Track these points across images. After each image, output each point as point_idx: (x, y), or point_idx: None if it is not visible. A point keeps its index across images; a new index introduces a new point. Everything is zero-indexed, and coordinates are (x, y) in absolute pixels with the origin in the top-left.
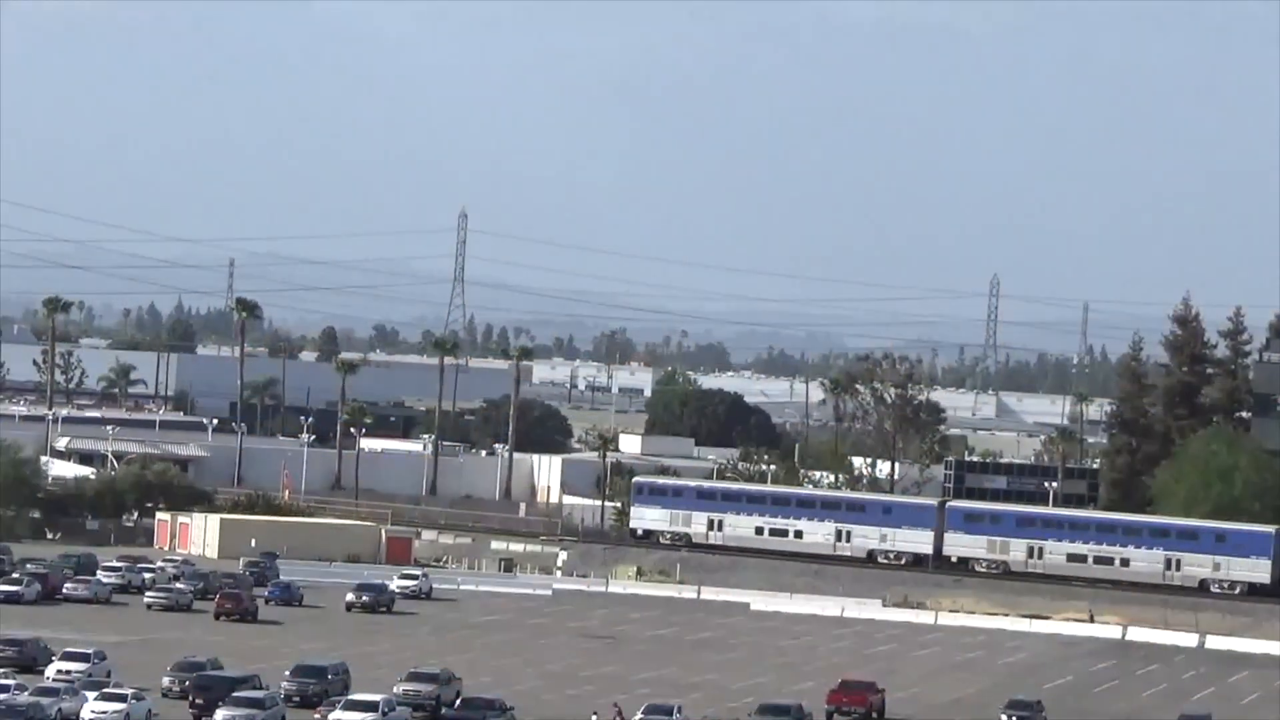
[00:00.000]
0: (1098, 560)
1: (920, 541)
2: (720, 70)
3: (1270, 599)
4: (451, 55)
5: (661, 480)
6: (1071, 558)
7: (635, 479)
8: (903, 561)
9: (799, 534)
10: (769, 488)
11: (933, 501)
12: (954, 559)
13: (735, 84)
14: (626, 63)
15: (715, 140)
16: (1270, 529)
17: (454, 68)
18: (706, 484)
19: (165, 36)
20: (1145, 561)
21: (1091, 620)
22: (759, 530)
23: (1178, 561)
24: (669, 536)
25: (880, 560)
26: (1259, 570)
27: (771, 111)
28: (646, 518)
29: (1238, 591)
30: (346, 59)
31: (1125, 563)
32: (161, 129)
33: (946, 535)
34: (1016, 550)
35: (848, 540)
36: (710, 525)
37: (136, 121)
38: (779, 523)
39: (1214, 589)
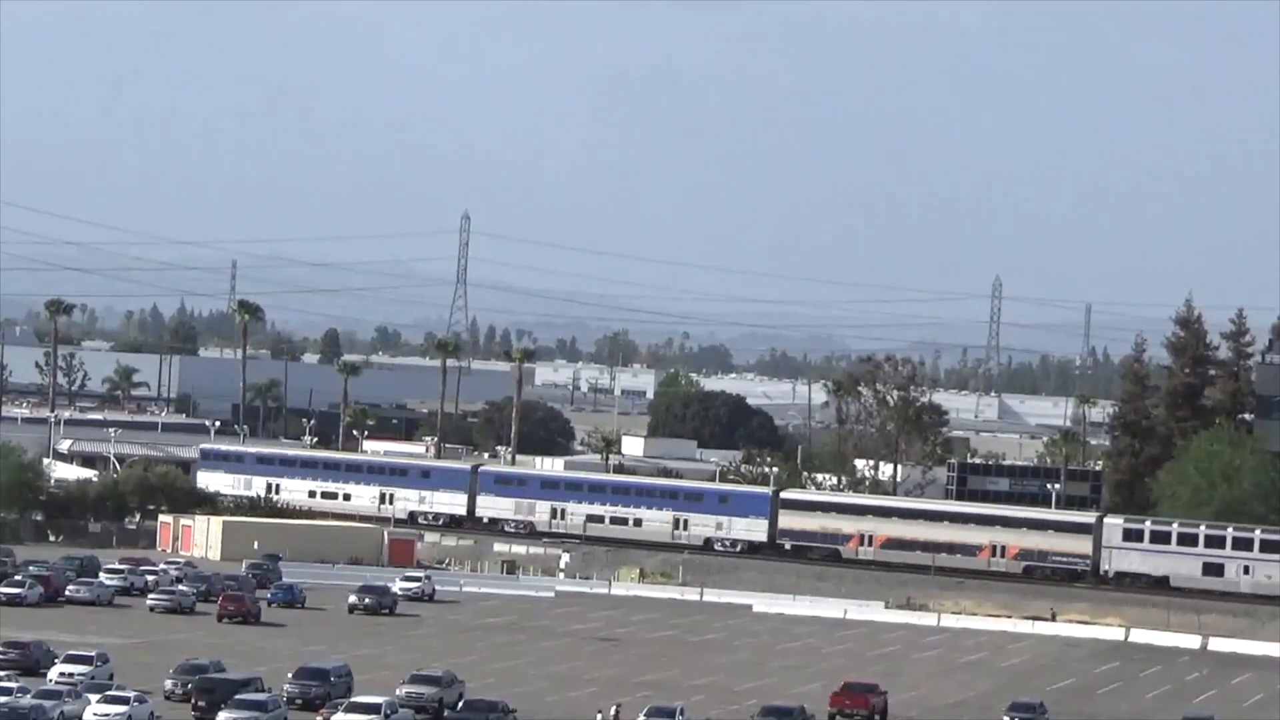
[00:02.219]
0: (614, 520)
1: (756, 530)
2: (722, 71)
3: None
4: (454, 58)
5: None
6: (591, 518)
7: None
8: (738, 550)
9: (638, 522)
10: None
11: (767, 491)
12: (485, 519)
13: (737, 85)
14: (628, 64)
15: (717, 141)
16: (767, 490)
17: (456, 70)
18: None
19: (166, 37)
20: (657, 521)
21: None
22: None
23: (685, 521)
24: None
25: (716, 548)
26: (756, 530)
27: (774, 112)
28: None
29: (738, 549)
30: (349, 62)
31: (639, 523)
32: (163, 130)
33: (479, 498)
34: (541, 512)
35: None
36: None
37: (138, 123)
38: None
39: (717, 547)
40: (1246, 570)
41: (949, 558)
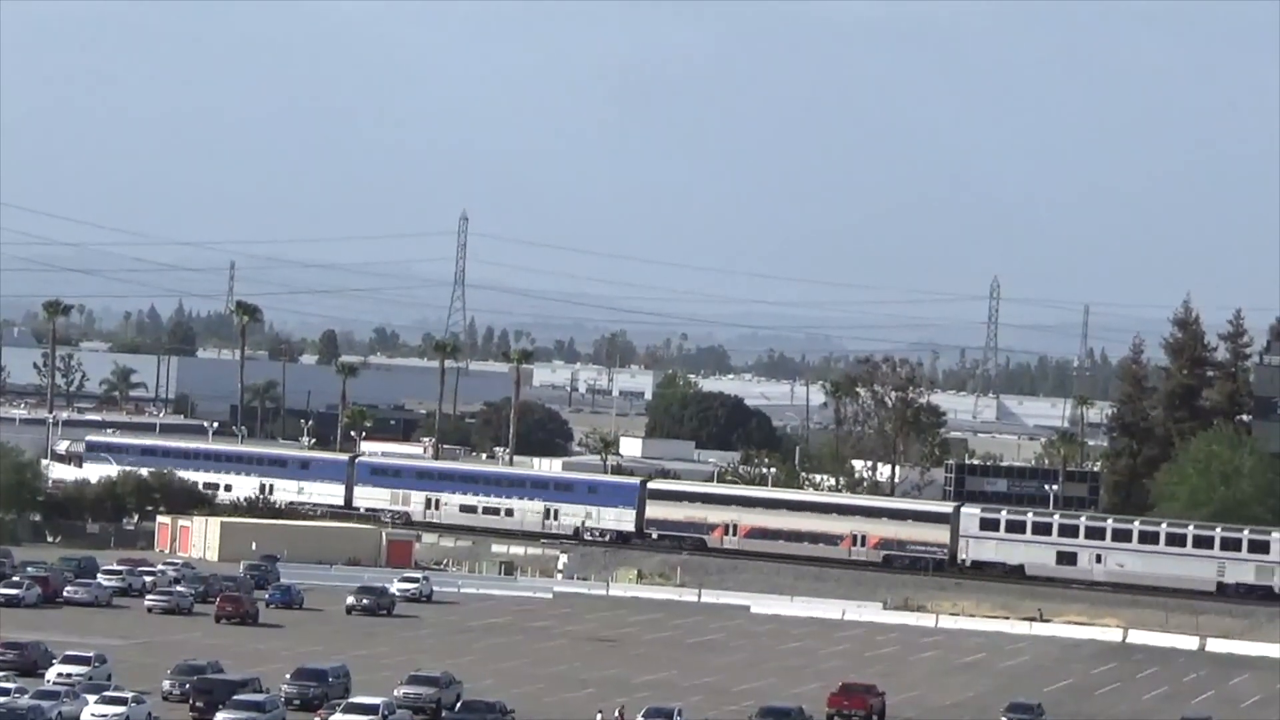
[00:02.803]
0: (486, 510)
1: (624, 520)
2: (719, 72)
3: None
4: (452, 58)
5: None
6: (464, 508)
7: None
8: (607, 539)
9: (510, 512)
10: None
11: (635, 481)
12: (363, 510)
13: (735, 85)
14: (627, 65)
15: (716, 143)
16: (635, 481)
17: (455, 70)
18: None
19: (164, 38)
20: (528, 511)
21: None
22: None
23: (556, 511)
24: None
25: (585, 538)
26: (625, 519)
27: (772, 114)
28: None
29: (607, 539)
30: (347, 62)
31: (510, 513)
32: (161, 131)
33: (356, 489)
34: (416, 502)
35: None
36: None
37: (136, 124)
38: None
39: (586, 536)
40: (1099, 559)
41: (811, 547)
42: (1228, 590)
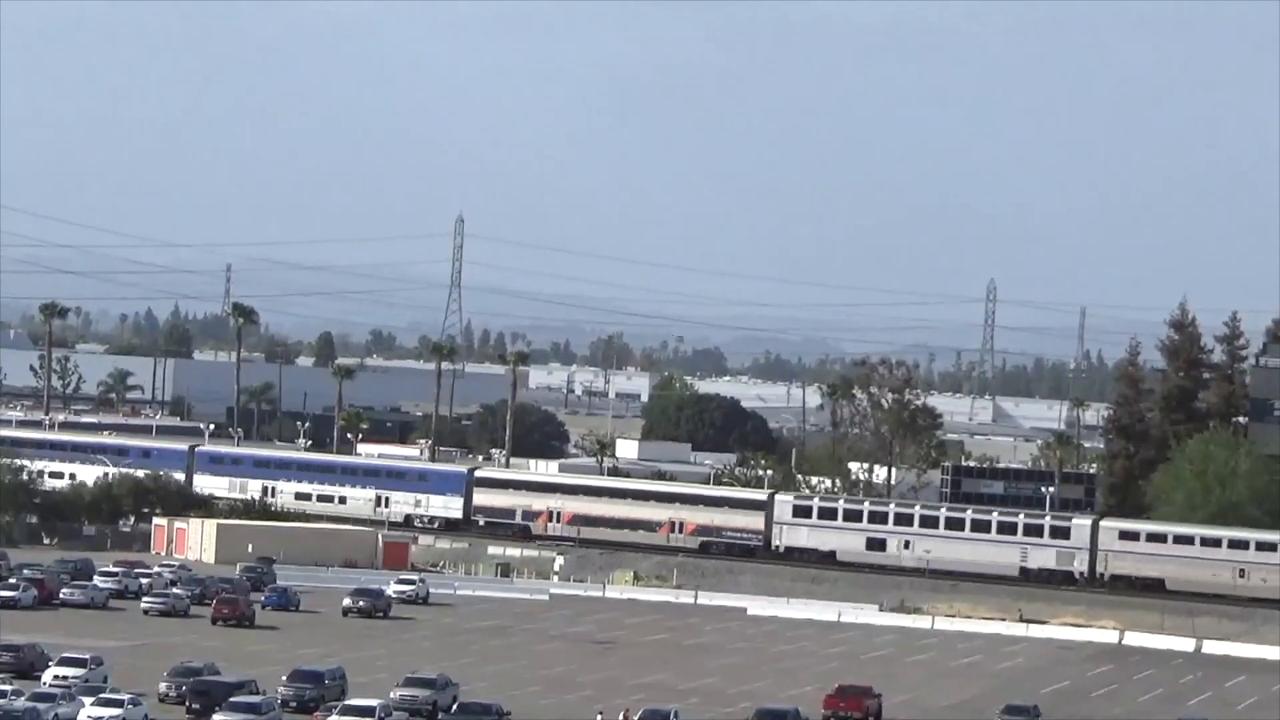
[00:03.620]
0: (320, 498)
1: (452, 507)
2: (717, 75)
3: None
4: (449, 60)
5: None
6: (299, 495)
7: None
8: (436, 525)
9: (342, 500)
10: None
11: (463, 469)
12: (204, 493)
13: (732, 89)
14: (623, 68)
15: (713, 146)
16: (463, 469)
17: (451, 72)
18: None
19: (161, 40)
20: (360, 499)
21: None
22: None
23: (387, 499)
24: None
25: (415, 524)
26: (452, 507)
27: (769, 117)
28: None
29: (436, 525)
30: (343, 64)
31: (343, 500)
32: (158, 134)
33: (196, 477)
34: (253, 489)
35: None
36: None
37: (133, 126)
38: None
39: (416, 523)
40: (907, 545)
41: (631, 533)
42: (1030, 574)
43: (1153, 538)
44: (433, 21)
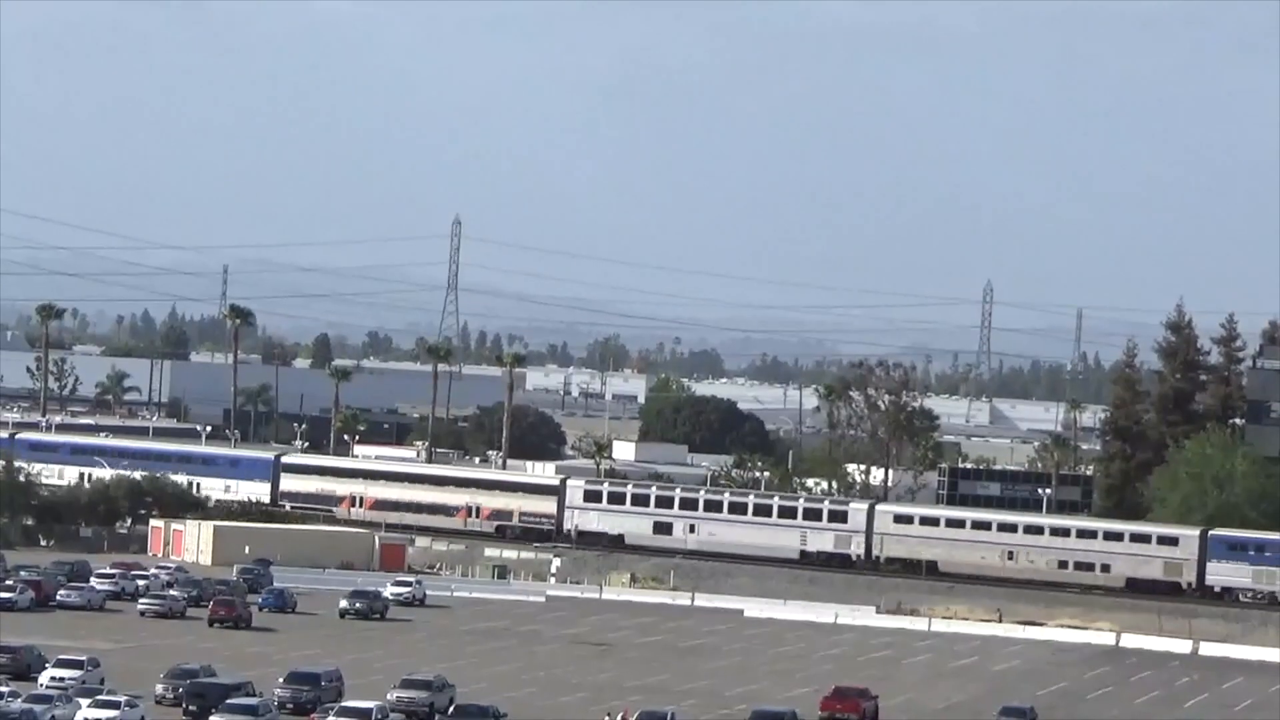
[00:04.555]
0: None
1: (260, 492)
2: (713, 77)
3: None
4: (445, 62)
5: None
6: None
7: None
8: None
9: None
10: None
11: (270, 455)
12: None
13: (728, 90)
14: (620, 69)
15: (708, 146)
16: (270, 455)
17: (448, 74)
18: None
19: (158, 41)
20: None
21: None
22: None
23: (198, 485)
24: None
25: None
26: (260, 492)
27: (765, 117)
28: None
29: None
30: (340, 66)
31: (198, 487)
32: (154, 135)
33: (15, 464)
34: (70, 476)
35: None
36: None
37: (129, 127)
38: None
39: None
40: (692, 529)
41: (430, 517)
42: (810, 558)
43: (926, 521)
44: (430, 24)
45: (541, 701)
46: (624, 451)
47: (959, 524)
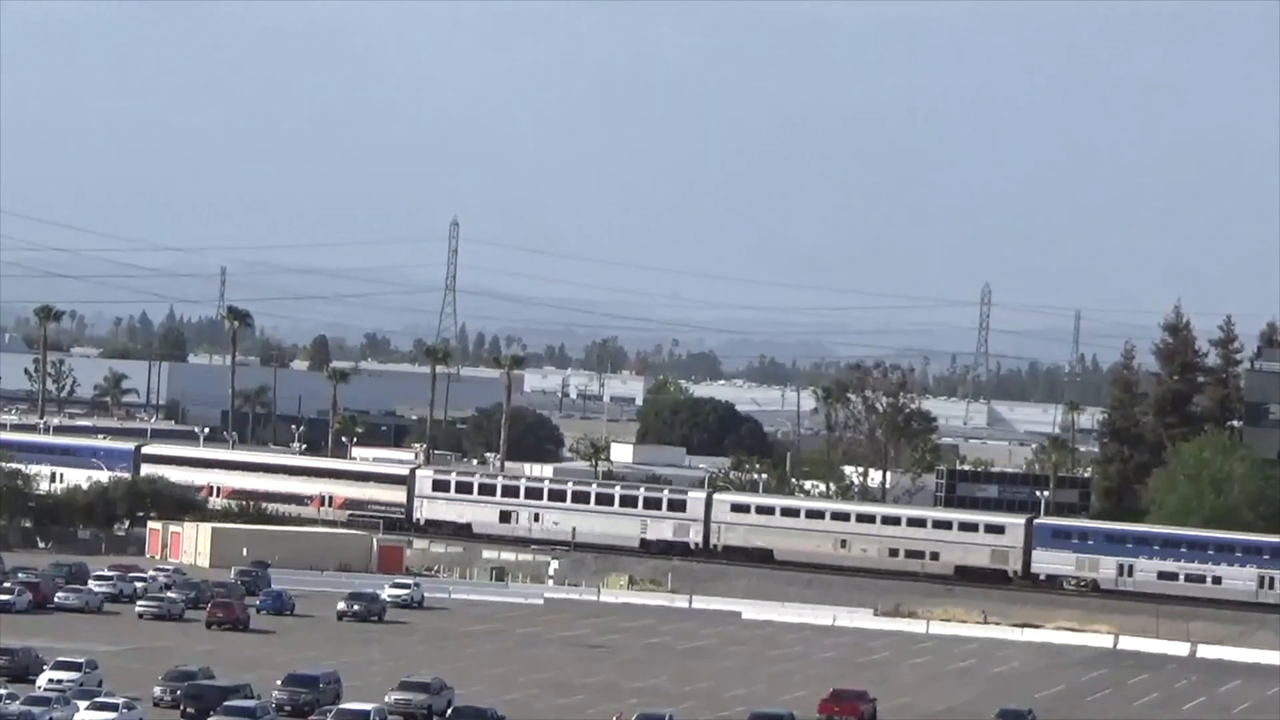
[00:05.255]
0: None
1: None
2: (711, 77)
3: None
4: (442, 63)
5: None
6: None
7: None
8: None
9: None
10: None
11: (130, 446)
12: None
13: (726, 91)
14: (618, 70)
15: (707, 148)
16: (130, 446)
17: (445, 75)
18: None
19: (156, 42)
20: (38, 477)
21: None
22: None
23: (61, 475)
24: None
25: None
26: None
27: (763, 119)
28: None
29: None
30: (337, 68)
31: (61, 478)
32: (153, 137)
33: None
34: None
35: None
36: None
37: (127, 129)
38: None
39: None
40: (536, 517)
41: (285, 507)
42: (650, 546)
43: (762, 510)
44: (427, 25)
45: (540, 703)
46: (622, 453)
47: (794, 513)
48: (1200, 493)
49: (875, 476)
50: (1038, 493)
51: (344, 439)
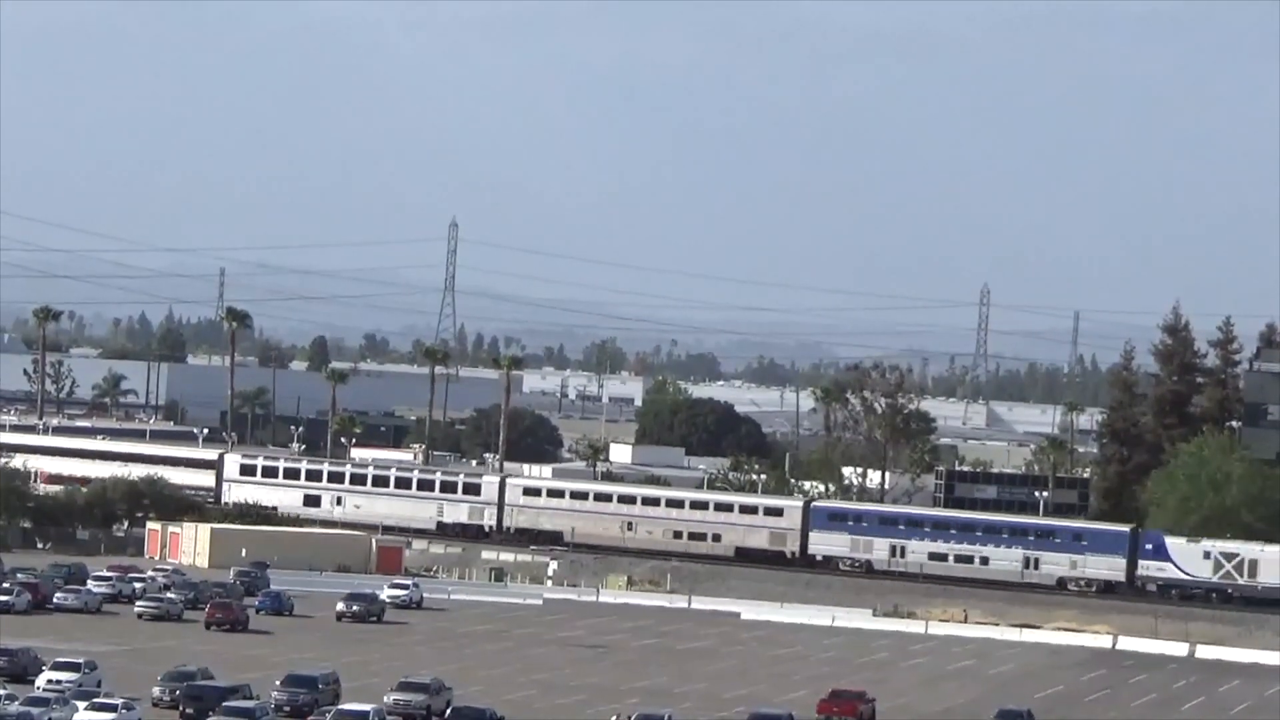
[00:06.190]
0: None
1: None
2: (710, 78)
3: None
4: (441, 64)
5: None
6: None
7: None
8: None
9: None
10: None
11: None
12: None
13: (725, 92)
14: (616, 70)
15: (705, 149)
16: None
17: (444, 76)
18: None
19: (154, 43)
20: None
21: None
22: None
23: None
24: None
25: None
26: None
27: (762, 119)
28: None
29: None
30: (337, 67)
31: None
32: (151, 138)
33: None
34: None
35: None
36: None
37: (126, 130)
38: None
39: None
40: (339, 501)
41: None
42: (446, 529)
43: (552, 494)
44: (426, 26)
45: (539, 704)
46: (621, 454)
47: (583, 496)
48: (1199, 493)
49: (874, 477)
50: (1036, 493)
51: (343, 440)
